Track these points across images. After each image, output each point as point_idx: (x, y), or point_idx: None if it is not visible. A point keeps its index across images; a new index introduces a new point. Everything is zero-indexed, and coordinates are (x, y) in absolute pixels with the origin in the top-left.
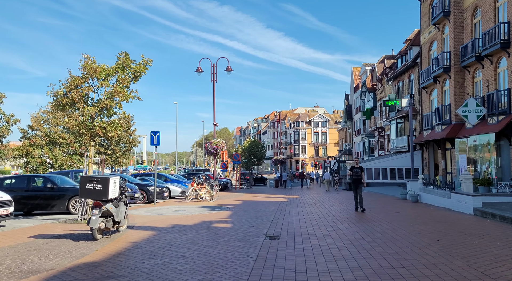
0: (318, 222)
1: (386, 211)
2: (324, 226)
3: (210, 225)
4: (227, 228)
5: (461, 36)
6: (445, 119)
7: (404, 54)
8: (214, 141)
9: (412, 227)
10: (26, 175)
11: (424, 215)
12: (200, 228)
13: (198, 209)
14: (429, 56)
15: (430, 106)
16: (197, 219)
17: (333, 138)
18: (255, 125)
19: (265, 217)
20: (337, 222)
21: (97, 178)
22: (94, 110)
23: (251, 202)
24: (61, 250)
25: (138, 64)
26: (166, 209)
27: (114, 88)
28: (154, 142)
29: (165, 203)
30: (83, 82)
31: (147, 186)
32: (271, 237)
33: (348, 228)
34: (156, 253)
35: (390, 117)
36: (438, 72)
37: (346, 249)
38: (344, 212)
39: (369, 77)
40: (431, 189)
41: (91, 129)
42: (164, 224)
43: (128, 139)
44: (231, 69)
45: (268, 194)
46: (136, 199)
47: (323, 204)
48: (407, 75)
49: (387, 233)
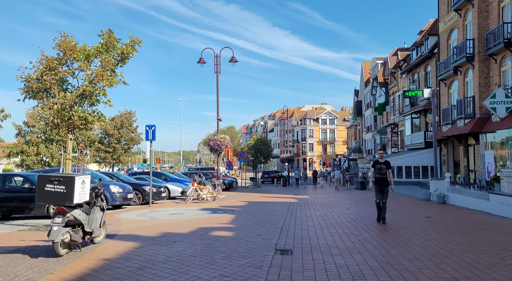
0: (337, 229)
1: (413, 215)
2: (345, 234)
3: (207, 233)
4: (228, 238)
5: (486, 21)
6: (468, 113)
7: (419, 45)
8: (218, 137)
9: (456, 238)
10: (1, 174)
11: (461, 220)
12: (195, 237)
13: (197, 212)
14: (448, 45)
15: (450, 99)
16: (194, 225)
17: (342, 136)
18: (262, 123)
19: (274, 222)
20: (361, 230)
21: (59, 177)
22: (71, 97)
23: (258, 204)
24: (5, 273)
25: (125, 44)
26: (161, 212)
27: (95, 71)
28: (150, 137)
29: (162, 204)
30: (58, 64)
31: (142, 185)
32: (282, 251)
33: (376, 238)
34: (129, 279)
35: (405, 112)
36: (460, 62)
37: (383, 271)
38: (364, 216)
39: (381, 71)
40: (462, 189)
41: (69, 119)
42: (153, 232)
43: (130, 136)
44: (235, 60)
45: (275, 194)
46: (130, 200)
47: (338, 206)
48: (423, 67)
49: (428, 246)
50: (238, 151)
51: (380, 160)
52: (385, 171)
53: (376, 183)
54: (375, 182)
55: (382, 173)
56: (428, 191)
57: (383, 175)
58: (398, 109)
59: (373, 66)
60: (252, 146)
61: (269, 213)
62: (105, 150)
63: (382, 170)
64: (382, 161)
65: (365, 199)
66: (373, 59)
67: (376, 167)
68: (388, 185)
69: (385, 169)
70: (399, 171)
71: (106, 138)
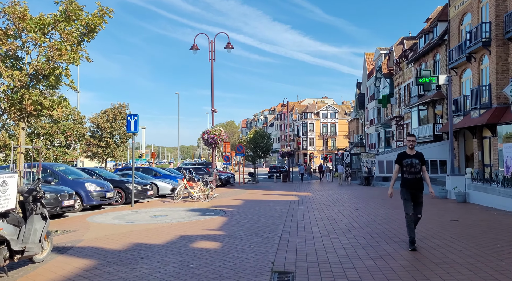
0: (349, 238)
1: (436, 218)
2: (361, 247)
3: (188, 245)
4: (212, 253)
5: (505, 2)
6: (484, 103)
7: (427, 33)
8: (212, 130)
9: (506, 251)
10: None
11: (496, 225)
12: (170, 252)
13: (184, 213)
14: (460, 31)
15: (461, 89)
16: (175, 232)
17: (343, 130)
18: (262, 117)
19: (272, 227)
20: (379, 240)
21: None
22: (20, 75)
23: (255, 203)
24: None
25: (91, 14)
26: (143, 213)
27: (50, 44)
28: (131, 128)
29: (148, 204)
30: (3, 36)
31: (125, 183)
32: (281, 274)
33: (402, 253)
34: None
35: (411, 104)
36: (475, 48)
37: None
38: (378, 218)
39: (385, 61)
40: (487, 187)
41: (20, 103)
42: (121, 243)
43: (123, 130)
44: (231, 46)
45: (275, 191)
46: (110, 199)
47: (344, 205)
48: (431, 56)
49: (477, 267)
50: (236, 145)
51: (408, 153)
52: (418, 169)
53: (405, 186)
54: (403, 185)
55: (415, 171)
56: (444, 188)
57: (415, 174)
58: (403, 101)
59: (376, 56)
60: (250, 140)
61: (266, 215)
62: (97, 145)
63: (414, 167)
64: (413, 153)
65: (373, 196)
66: (377, 50)
67: (404, 163)
68: (423, 189)
69: (419, 166)
70: None
71: (98, 132)
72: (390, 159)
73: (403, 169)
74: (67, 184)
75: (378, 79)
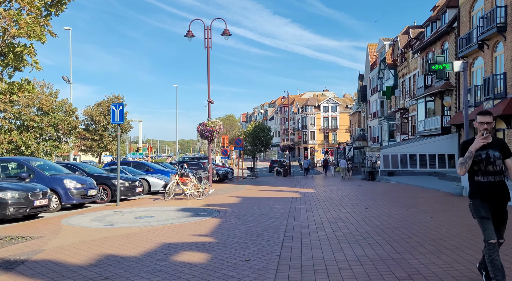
0: (364, 247)
1: (459, 220)
2: (381, 261)
3: (169, 257)
4: (196, 270)
5: None
6: (498, 92)
7: (435, 21)
8: (208, 122)
9: None
10: None
11: None
12: (144, 268)
13: (174, 213)
14: (471, 18)
15: (472, 78)
16: (157, 240)
17: (344, 123)
18: (262, 111)
19: (271, 232)
20: (402, 251)
21: None
22: None
23: (253, 200)
24: None
25: None
26: (127, 214)
27: (5, 13)
28: (116, 119)
29: (136, 202)
30: None
31: (111, 179)
32: None
33: (434, 269)
34: None
35: (417, 95)
36: (488, 34)
37: None
38: (393, 221)
39: (389, 52)
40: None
41: None
42: (88, 255)
43: None
44: (229, 33)
45: (275, 187)
46: (93, 197)
47: (351, 204)
48: (439, 44)
49: None
50: (235, 139)
51: (481, 141)
52: (500, 166)
53: (479, 195)
54: (475, 194)
55: (494, 170)
56: (459, 185)
57: (495, 175)
58: (408, 93)
59: (379, 47)
60: (250, 134)
61: (265, 215)
62: (92, 138)
63: (493, 162)
64: (488, 141)
65: (380, 193)
66: (380, 40)
67: (475, 159)
68: (509, 198)
69: (500, 160)
70: (412, 160)
71: (92, 125)
72: (395, 153)
73: (474, 168)
74: (44, 180)
75: (381, 71)
